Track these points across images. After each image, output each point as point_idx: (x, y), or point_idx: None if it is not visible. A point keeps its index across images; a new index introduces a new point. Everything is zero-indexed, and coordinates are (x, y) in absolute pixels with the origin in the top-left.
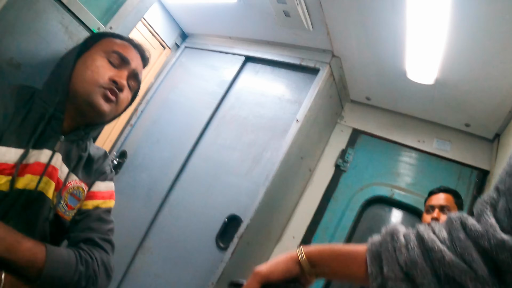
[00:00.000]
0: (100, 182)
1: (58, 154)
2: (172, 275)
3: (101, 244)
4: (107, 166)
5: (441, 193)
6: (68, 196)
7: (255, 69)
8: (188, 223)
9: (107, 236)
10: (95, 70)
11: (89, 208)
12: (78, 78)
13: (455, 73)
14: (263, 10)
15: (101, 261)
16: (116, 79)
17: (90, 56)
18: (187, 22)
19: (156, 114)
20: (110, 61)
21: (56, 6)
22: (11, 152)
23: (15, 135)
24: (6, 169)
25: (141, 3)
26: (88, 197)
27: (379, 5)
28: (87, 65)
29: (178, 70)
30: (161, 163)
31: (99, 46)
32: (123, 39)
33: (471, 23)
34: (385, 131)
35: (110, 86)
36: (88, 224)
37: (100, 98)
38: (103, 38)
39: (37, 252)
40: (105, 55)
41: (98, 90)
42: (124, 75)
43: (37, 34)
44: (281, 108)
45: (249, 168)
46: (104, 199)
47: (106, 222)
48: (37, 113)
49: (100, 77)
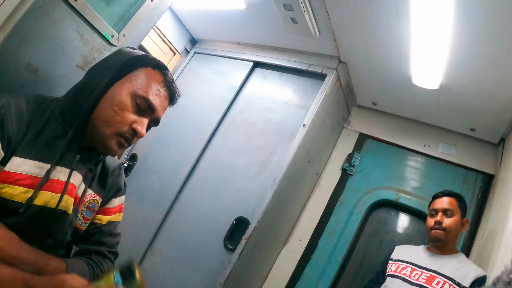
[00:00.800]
0: (114, 199)
1: (76, 172)
2: (180, 275)
3: (109, 257)
4: (122, 181)
5: (445, 197)
6: (84, 209)
7: (264, 75)
8: (196, 225)
9: (114, 249)
10: (119, 113)
11: (103, 223)
12: (99, 115)
13: (459, 78)
14: (271, 17)
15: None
16: (136, 128)
17: (118, 93)
18: (197, 28)
19: (166, 118)
20: (136, 104)
21: (72, 14)
22: (25, 164)
23: (30, 147)
24: (21, 180)
25: (153, 11)
26: (103, 212)
27: (384, 12)
28: (113, 104)
29: (188, 75)
30: (171, 166)
31: (131, 80)
32: (160, 71)
33: (475, 28)
34: (391, 136)
35: (128, 135)
36: (100, 239)
37: (115, 145)
38: (139, 68)
39: (60, 270)
40: (133, 96)
41: (115, 137)
42: (146, 122)
43: (53, 41)
44: (288, 113)
45: (257, 172)
46: (115, 213)
47: (114, 236)
48: (56, 130)
49: (122, 123)
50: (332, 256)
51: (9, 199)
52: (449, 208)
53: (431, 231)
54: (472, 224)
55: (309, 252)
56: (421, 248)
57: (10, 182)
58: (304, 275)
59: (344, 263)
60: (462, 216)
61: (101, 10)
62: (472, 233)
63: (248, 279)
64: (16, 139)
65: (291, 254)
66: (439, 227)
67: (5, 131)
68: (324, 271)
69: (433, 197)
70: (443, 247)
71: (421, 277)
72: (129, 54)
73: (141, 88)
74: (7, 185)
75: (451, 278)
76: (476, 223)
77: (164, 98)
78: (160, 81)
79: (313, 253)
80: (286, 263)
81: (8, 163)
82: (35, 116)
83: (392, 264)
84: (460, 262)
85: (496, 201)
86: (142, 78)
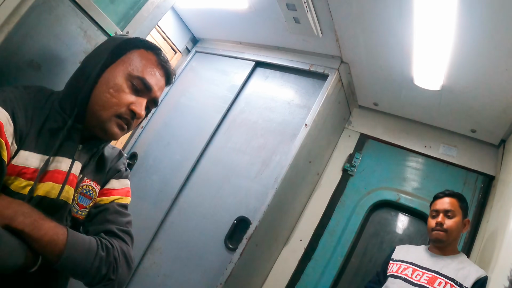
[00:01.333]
0: (114, 180)
1: (77, 162)
2: (181, 275)
3: (120, 235)
4: (121, 165)
5: (446, 198)
6: (78, 196)
7: (265, 74)
8: (197, 224)
9: (126, 228)
10: (115, 95)
11: (105, 202)
12: (97, 99)
13: (461, 80)
14: (274, 17)
15: (121, 250)
16: (134, 108)
17: (112, 76)
18: (198, 27)
19: (167, 117)
20: (132, 85)
21: (76, 11)
22: (32, 157)
23: (35, 140)
24: (27, 174)
25: (156, 9)
26: (103, 194)
27: (387, 13)
28: (109, 87)
29: (189, 74)
30: (172, 165)
31: (125, 63)
32: (152, 52)
33: (477, 30)
34: (392, 136)
35: (127, 115)
36: (106, 217)
37: (114, 127)
38: (132, 51)
39: (59, 232)
40: (128, 77)
41: (113, 120)
42: (143, 103)
43: (57, 38)
44: (290, 112)
45: (258, 171)
46: (120, 195)
47: (123, 215)
48: (56, 121)
49: (119, 105)
50: (332, 256)
51: (15, 191)
52: (450, 209)
53: (433, 232)
54: (472, 225)
55: (309, 252)
56: (422, 248)
57: (17, 175)
58: (305, 275)
59: (345, 264)
60: (464, 216)
61: (105, 7)
62: (472, 234)
63: (249, 279)
64: (25, 132)
65: (292, 254)
66: (441, 228)
67: (17, 125)
68: (324, 271)
69: (434, 197)
70: (444, 248)
71: (423, 278)
72: (120, 38)
73: (136, 69)
74: (14, 178)
75: (453, 279)
76: (476, 224)
77: (160, 77)
78: (154, 60)
79: (314, 253)
80: (287, 263)
81: (16, 156)
82: (37, 109)
83: (393, 265)
84: (461, 262)
85: (496, 202)
86: (135, 59)
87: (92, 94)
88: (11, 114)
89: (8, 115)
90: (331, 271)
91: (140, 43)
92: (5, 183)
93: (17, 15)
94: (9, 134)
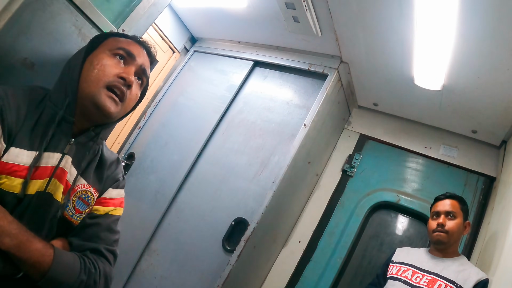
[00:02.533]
0: (112, 189)
1: (67, 156)
2: (178, 277)
3: (106, 255)
4: (120, 174)
5: (447, 199)
6: (76, 200)
7: (264, 74)
8: (195, 225)
9: (112, 247)
10: (101, 69)
11: (101, 213)
12: (85, 79)
13: (462, 80)
14: (272, 16)
15: (103, 272)
16: (123, 75)
17: (96, 56)
18: (197, 27)
19: (165, 117)
20: (116, 58)
21: (70, 8)
22: (23, 154)
23: (27, 137)
24: (18, 171)
25: (153, 7)
26: (100, 203)
27: (387, 12)
28: (94, 65)
29: (187, 74)
30: (169, 165)
31: (105, 46)
32: (128, 37)
33: (478, 30)
34: (392, 137)
35: (117, 83)
36: (97, 233)
37: (106, 99)
38: (109, 38)
39: (46, 254)
40: (111, 52)
41: (103, 91)
42: (131, 71)
43: (51, 36)
44: (289, 113)
45: (257, 172)
46: (115, 206)
47: (113, 233)
48: (48, 116)
49: (106, 75)
50: (331, 258)
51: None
52: (451, 211)
53: (434, 234)
54: (473, 227)
55: (308, 254)
56: (423, 250)
57: (7, 173)
58: (303, 277)
59: (344, 265)
60: (464, 218)
61: (100, 5)
62: (473, 236)
63: (247, 281)
64: (15, 130)
65: (291, 255)
66: (442, 230)
67: (5, 122)
68: (323, 273)
69: (435, 199)
70: (445, 250)
71: (423, 280)
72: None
73: (115, 45)
74: (5, 176)
75: (453, 281)
76: (477, 225)
77: (141, 49)
78: (131, 41)
79: (313, 255)
80: (285, 265)
81: (6, 154)
82: (31, 107)
83: (393, 267)
84: (462, 265)
85: (497, 203)
86: (112, 41)
87: (80, 80)
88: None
89: None
90: (330, 273)
91: (116, 33)
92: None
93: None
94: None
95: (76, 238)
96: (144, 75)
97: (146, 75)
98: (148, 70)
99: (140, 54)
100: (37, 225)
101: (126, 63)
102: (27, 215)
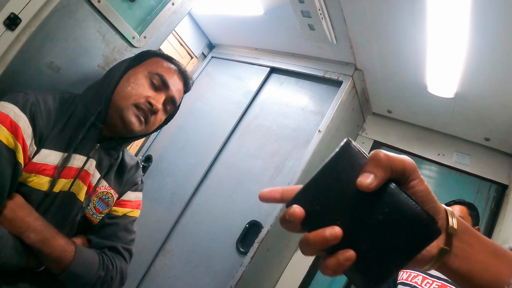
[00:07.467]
0: (131, 192)
1: (92, 160)
2: (191, 277)
3: (123, 253)
4: (138, 178)
5: (456, 205)
6: (97, 200)
7: (280, 80)
8: (209, 227)
9: (129, 246)
10: (135, 88)
11: (119, 214)
12: (119, 92)
13: (475, 87)
14: (289, 23)
15: (120, 269)
16: (152, 101)
17: (134, 74)
18: (214, 33)
19: (182, 121)
20: (151, 82)
21: (95, 15)
22: (52, 155)
23: (56, 139)
24: (47, 170)
25: (173, 15)
26: (119, 204)
27: (400, 20)
28: (130, 82)
29: (205, 79)
30: (186, 168)
31: (146, 65)
32: (171, 62)
33: (491, 37)
34: (405, 144)
35: (144, 106)
36: (115, 232)
37: (132, 116)
38: (152, 58)
39: (68, 250)
40: (148, 75)
41: (131, 108)
42: (161, 99)
43: (76, 41)
44: (304, 119)
45: (271, 177)
46: (132, 208)
47: (130, 233)
48: (78, 119)
49: (137, 95)
50: None
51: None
52: (460, 216)
53: None
54: (485, 234)
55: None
56: None
57: (37, 172)
58: (315, 282)
59: None
60: (474, 224)
61: (124, 12)
62: None
63: (259, 283)
64: (45, 133)
65: (303, 259)
66: None
67: (37, 127)
68: (334, 278)
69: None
70: None
71: (433, 286)
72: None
73: (155, 68)
74: (34, 175)
75: None
76: (489, 233)
77: (178, 79)
78: (171, 67)
79: None
80: (297, 268)
81: (36, 155)
82: (61, 112)
83: (403, 272)
84: None
85: (509, 211)
86: (155, 63)
87: (115, 92)
88: (31, 117)
89: (27, 118)
90: (341, 277)
91: (159, 54)
92: (24, 181)
93: (39, 18)
94: (27, 136)
95: (95, 236)
96: (172, 105)
97: (175, 104)
98: (179, 100)
99: (175, 84)
100: (60, 223)
101: (159, 89)
102: (51, 212)
